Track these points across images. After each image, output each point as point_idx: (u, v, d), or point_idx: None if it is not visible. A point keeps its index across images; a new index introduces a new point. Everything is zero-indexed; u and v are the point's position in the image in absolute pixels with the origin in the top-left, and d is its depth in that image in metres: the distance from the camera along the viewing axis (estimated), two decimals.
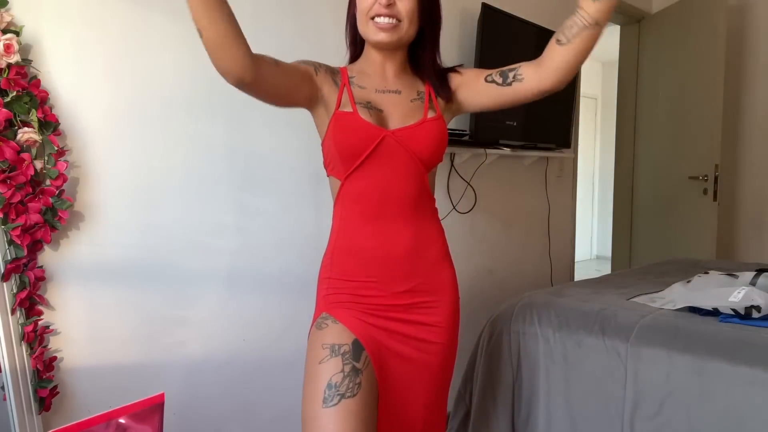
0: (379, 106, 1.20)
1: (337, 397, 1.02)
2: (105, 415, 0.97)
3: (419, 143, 1.18)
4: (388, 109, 1.20)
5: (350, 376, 1.05)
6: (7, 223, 1.28)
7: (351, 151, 1.15)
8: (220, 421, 1.76)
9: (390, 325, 1.18)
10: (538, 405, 1.75)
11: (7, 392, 1.31)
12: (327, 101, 1.19)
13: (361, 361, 1.09)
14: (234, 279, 1.77)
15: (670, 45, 3.63)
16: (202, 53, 1.76)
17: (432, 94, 1.25)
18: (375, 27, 1.15)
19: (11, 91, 1.27)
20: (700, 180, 3.41)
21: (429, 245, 1.24)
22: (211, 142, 1.70)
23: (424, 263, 1.23)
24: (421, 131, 1.18)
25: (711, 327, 1.55)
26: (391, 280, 1.18)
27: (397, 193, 1.18)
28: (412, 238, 1.20)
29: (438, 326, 1.24)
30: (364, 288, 1.18)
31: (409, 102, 1.23)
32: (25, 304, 1.33)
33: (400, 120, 1.19)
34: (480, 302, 2.65)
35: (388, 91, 1.22)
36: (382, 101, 1.21)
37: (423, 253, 1.22)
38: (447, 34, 2.43)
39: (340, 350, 1.08)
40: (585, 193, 6.67)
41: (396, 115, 1.19)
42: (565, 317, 1.75)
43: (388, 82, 1.23)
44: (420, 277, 1.22)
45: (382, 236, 1.18)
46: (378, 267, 1.18)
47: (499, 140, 2.55)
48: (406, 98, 1.23)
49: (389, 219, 1.18)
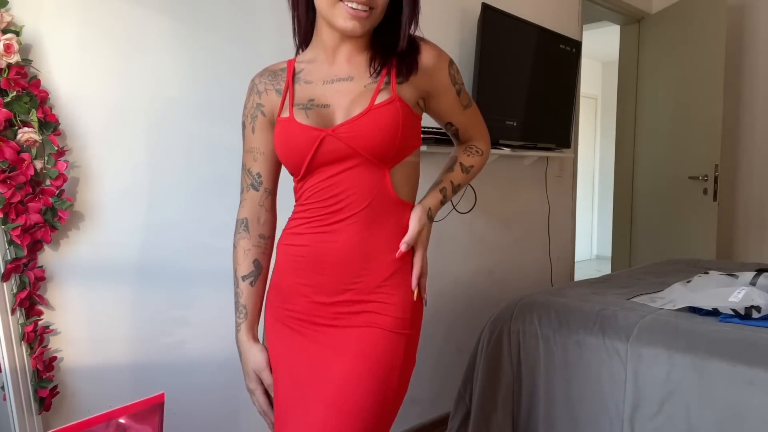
0: (325, 100, 1.04)
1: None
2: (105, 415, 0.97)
3: (366, 136, 1.00)
4: (335, 101, 1.04)
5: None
6: (7, 223, 1.28)
7: (293, 159, 1.04)
8: (220, 421, 1.76)
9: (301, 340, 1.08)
10: (538, 405, 1.75)
11: (7, 392, 1.31)
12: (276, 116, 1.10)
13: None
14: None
15: (670, 45, 3.63)
16: (201, 53, 1.76)
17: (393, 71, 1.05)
18: (346, 12, 0.98)
19: (11, 91, 1.28)
20: (700, 180, 3.41)
21: (377, 258, 1.05)
22: (211, 142, 1.70)
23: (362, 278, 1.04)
24: (364, 123, 1.01)
25: (711, 327, 1.55)
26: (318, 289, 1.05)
27: (347, 194, 1.03)
28: (353, 245, 1.03)
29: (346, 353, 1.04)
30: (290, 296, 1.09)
31: (362, 88, 1.04)
32: (25, 304, 1.33)
33: (346, 111, 1.03)
34: (480, 302, 2.65)
35: (338, 80, 1.06)
36: (329, 94, 1.05)
37: (365, 266, 1.04)
38: (447, 34, 2.44)
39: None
40: (585, 193, 6.67)
41: (342, 107, 1.03)
42: (565, 317, 1.75)
43: (338, 68, 1.07)
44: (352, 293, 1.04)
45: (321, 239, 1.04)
46: (307, 272, 1.06)
47: (499, 140, 2.55)
48: (359, 84, 1.05)
49: (333, 222, 1.04)
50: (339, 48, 1.06)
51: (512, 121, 2.61)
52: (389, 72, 1.05)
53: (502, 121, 2.56)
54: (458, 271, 2.57)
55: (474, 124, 1.20)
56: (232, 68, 1.75)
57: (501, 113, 2.55)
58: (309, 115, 1.03)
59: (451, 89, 1.13)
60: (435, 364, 2.47)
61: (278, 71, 1.11)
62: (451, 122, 1.18)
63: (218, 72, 1.71)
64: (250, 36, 1.79)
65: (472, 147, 1.21)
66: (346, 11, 0.98)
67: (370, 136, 1.00)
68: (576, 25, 3.20)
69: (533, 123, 2.73)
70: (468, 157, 1.20)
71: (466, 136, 1.21)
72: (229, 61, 1.74)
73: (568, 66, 2.92)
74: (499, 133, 2.55)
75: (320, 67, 1.07)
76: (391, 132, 1.01)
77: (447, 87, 1.12)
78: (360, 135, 1.00)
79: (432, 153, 2.32)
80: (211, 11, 1.69)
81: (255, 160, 1.12)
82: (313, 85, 1.06)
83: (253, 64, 1.78)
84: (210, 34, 1.69)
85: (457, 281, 2.56)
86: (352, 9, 0.98)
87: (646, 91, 3.82)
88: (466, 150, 1.21)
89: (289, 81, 1.07)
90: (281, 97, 1.07)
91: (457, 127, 1.19)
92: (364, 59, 1.07)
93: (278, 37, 1.83)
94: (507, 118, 2.58)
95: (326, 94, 1.05)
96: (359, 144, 1.01)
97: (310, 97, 1.05)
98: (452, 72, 1.13)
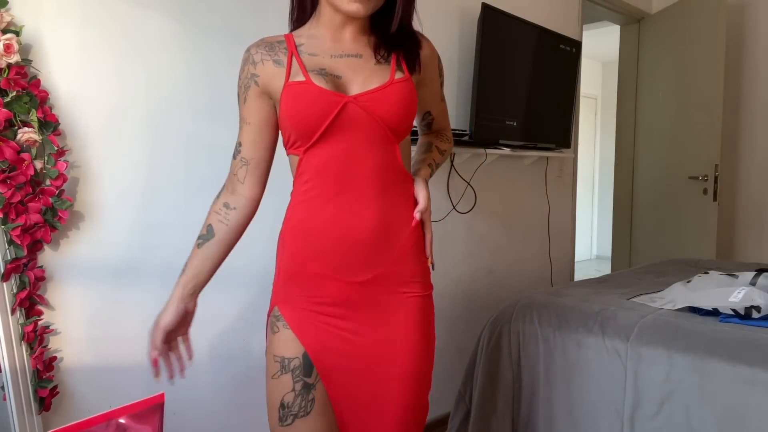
0: (336, 72, 1.04)
1: (291, 418, 1.03)
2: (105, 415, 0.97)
3: (386, 107, 1.03)
4: (347, 74, 1.05)
5: (302, 395, 1.03)
6: (7, 223, 1.28)
7: (308, 123, 1.01)
8: (220, 421, 1.76)
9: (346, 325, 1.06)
10: (538, 405, 1.75)
11: (7, 392, 1.31)
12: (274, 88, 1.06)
13: (313, 375, 1.04)
14: (234, 279, 1.77)
15: (670, 45, 3.63)
16: (201, 53, 1.76)
17: (401, 57, 1.09)
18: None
19: (11, 91, 1.28)
20: (700, 180, 3.41)
21: (397, 230, 1.07)
22: (210, 142, 1.70)
23: (390, 251, 1.06)
24: (387, 93, 1.03)
25: (711, 327, 1.55)
26: (348, 269, 1.04)
27: (362, 166, 1.03)
28: (377, 219, 1.03)
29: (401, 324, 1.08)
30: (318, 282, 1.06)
31: (373, 65, 1.06)
32: (25, 304, 1.33)
33: (362, 84, 1.04)
34: (480, 302, 2.65)
35: (346, 56, 1.07)
36: (339, 66, 1.05)
37: (389, 239, 1.06)
38: (447, 34, 2.44)
39: (290, 365, 1.04)
40: (585, 193, 6.67)
41: (357, 79, 1.04)
42: (565, 317, 1.75)
43: (344, 45, 1.08)
44: (383, 267, 1.06)
45: (342, 217, 1.03)
46: (334, 253, 1.04)
47: (499, 140, 2.55)
48: (368, 61, 1.07)
49: (351, 197, 1.03)
50: (343, 28, 1.08)
51: (512, 121, 2.61)
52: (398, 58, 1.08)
53: (502, 121, 2.56)
54: (458, 271, 2.57)
55: (445, 116, 1.30)
56: (232, 68, 1.74)
57: (501, 113, 2.55)
58: (327, 81, 1.02)
59: (437, 80, 1.22)
60: (435, 364, 2.46)
61: (275, 43, 1.09)
62: (430, 111, 1.26)
63: (218, 72, 1.71)
64: (250, 36, 1.78)
65: (443, 135, 1.30)
66: None
67: (391, 108, 1.03)
68: (576, 25, 3.20)
69: (533, 123, 2.73)
70: (441, 142, 1.28)
71: (438, 126, 1.30)
72: (228, 61, 1.74)
73: (568, 66, 2.92)
74: (499, 133, 2.55)
75: (323, 42, 1.08)
76: (408, 106, 1.05)
77: (435, 78, 1.20)
78: (381, 105, 1.02)
79: None
80: (210, 11, 1.69)
81: (241, 129, 1.11)
82: (319, 58, 1.06)
83: None
84: (210, 34, 1.69)
85: (457, 281, 2.56)
86: None
87: (646, 91, 3.82)
88: (438, 137, 1.29)
89: (293, 50, 1.06)
90: (284, 67, 1.05)
91: (434, 116, 1.27)
92: (368, 41, 1.09)
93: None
94: (507, 118, 2.58)
95: (336, 66, 1.05)
96: (379, 113, 1.02)
97: (321, 66, 1.04)
98: (440, 65, 1.22)
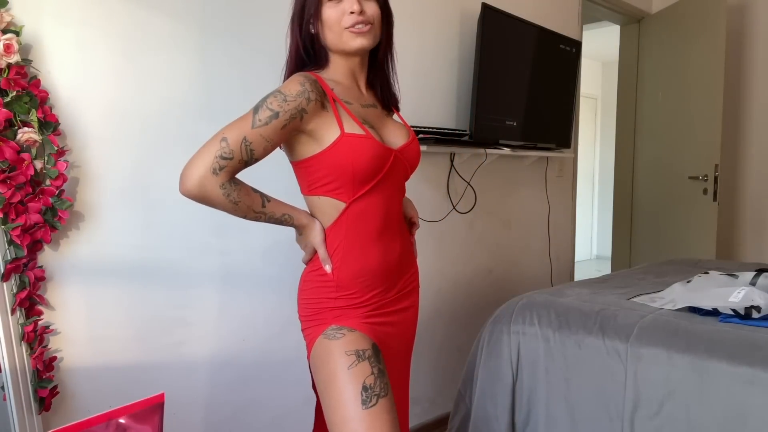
0: (372, 122, 1.19)
1: (375, 398, 1.08)
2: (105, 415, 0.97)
3: (415, 158, 1.24)
4: (377, 125, 1.20)
5: (380, 377, 1.10)
6: (7, 223, 1.28)
7: (365, 175, 1.13)
8: (220, 421, 1.76)
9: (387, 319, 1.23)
10: (538, 405, 1.75)
11: (7, 392, 1.31)
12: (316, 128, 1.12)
13: (382, 362, 1.14)
14: (234, 279, 1.77)
15: (670, 45, 3.63)
16: (201, 53, 1.76)
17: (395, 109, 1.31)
18: (352, 34, 1.14)
19: (11, 91, 1.28)
20: (700, 180, 3.41)
21: (409, 249, 1.30)
22: None
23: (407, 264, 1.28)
24: (414, 149, 1.24)
25: (711, 327, 1.55)
26: (388, 289, 1.23)
27: (394, 207, 1.22)
28: (400, 247, 1.24)
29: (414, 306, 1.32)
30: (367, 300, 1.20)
31: (386, 116, 1.26)
32: (25, 304, 1.33)
33: (393, 136, 1.21)
34: (480, 302, 2.65)
35: (368, 105, 1.22)
36: (370, 116, 1.20)
37: (406, 257, 1.28)
38: (447, 34, 2.44)
39: (365, 355, 1.11)
40: (585, 193, 6.67)
41: (385, 131, 1.21)
42: (565, 317, 1.75)
43: (363, 95, 1.23)
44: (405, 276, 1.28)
45: (385, 252, 1.20)
46: (380, 280, 1.20)
47: (499, 140, 2.55)
48: (382, 112, 1.26)
49: (388, 234, 1.21)
50: (358, 76, 1.23)
51: (512, 121, 2.61)
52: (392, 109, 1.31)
53: (502, 121, 2.56)
54: (458, 271, 2.57)
55: None
56: (232, 68, 1.75)
57: (501, 113, 2.55)
58: (375, 134, 1.15)
59: None
60: (435, 364, 2.47)
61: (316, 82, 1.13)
62: None
63: (218, 72, 1.71)
64: (250, 36, 1.79)
65: None
66: (351, 34, 1.14)
67: (416, 158, 1.25)
68: (576, 25, 3.20)
69: (533, 123, 2.73)
70: None
71: None
72: (228, 60, 1.74)
73: (568, 66, 2.92)
74: (499, 133, 2.55)
75: (351, 90, 1.20)
76: (419, 159, 1.27)
77: None
78: (412, 158, 1.23)
79: (432, 153, 2.32)
80: (210, 11, 1.69)
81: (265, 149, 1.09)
82: (356, 107, 1.18)
83: (253, 63, 1.79)
84: (209, 34, 1.69)
85: (457, 281, 2.56)
86: (356, 29, 1.13)
87: (646, 91, 3.82)
88: None
89: (333, 96, 1.15)
90: (330, 112, 1.12)
91: None
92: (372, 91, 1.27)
93: (277, 37, 1.83)
94: (507, 118, 2.58)
95: (369, 116, 1.19)
96: (411, 165, 1.24)
97: (363, 117, 1.17)
98: None
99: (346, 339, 1.13)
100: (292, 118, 1.08)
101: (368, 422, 1.06)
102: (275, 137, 1.08)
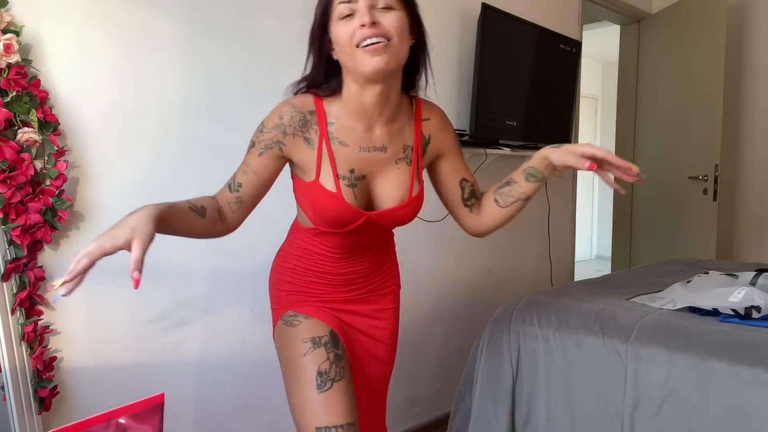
0: (363, 171, 1.12)
1: (330, 382, 1.12)
2: (105, 415, 0.97)
3: (398, 221, 1.18)
4: (372, 172, 1.13)
5: (335, 362, 1.14)
6: (7, 223, 1.28)
7: (329, 226, 1.15)
8: (220, 421, 1.76)
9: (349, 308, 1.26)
10: (538, 405, 1.75)
11: (7, 392, 1.31)
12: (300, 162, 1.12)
13: (340, 347, 1.18)
14: (234, 278, 1.77)
15: (670, 45, 3.63)
16: (201, 53, 1.76)
17: (420, 150, 1.16)
18: (365, 53, 0.98)
19: (11, 91, 1.28)
20: (700, 180, 3.41)
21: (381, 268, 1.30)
22: (211, 142, 1.70)
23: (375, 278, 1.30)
24: (403, 213, 1.16)
25: (711, 327, 1.55)
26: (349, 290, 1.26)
27: (366, 244, 1.22)
28: (370, 266, 1.26)
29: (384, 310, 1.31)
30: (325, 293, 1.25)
31: (394, 163, 1.14)
32: (25, 304, 1.33)
33: (384, 194, 1.14)
34: (480, 302, 2.65)
35: (372, 149, 1.11)
36: (365, 164, 1.12)
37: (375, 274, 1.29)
38: (447, 34, 2.44)
39: (321, 341, 1.15)
40: (585, 193, 6.67)
41: (380, 181, 1.14)
42: (565, 317, 1.75)
43: (373, 135, 1.11)
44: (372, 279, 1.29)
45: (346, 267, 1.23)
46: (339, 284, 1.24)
47: (499, 140, 2.55)
48: (391, 158, 1.14)
49: (355, 258, 1.23)
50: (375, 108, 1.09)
51: (512, 121, 2.61)
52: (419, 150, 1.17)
53: (502, 121, 2.56)
54: (458, 272, 2.57)
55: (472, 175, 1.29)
56: (232, 68, 1.75)
57: (501, 113, 2.55)
58: (356, 195, 1.11)
59: (457, 148, 1.25)
60: (435, 364, 2.47)
61: (307, 114, 1.10)
62: (465, 178, 1.26)
63: (218, 72, 1.71)
64: (250, 36, 1.79)
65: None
66: (363, 53, 0.99)
67: (400, 221, 1.18)
68: (576, 25, 3.20)
69: (533, 123, 2.73)
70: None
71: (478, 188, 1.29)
72: (228, 61, 1.74)
73: (568, 66, 2.92)
74: (499, 133, 2.55)
75: (355, 129, 1.11)
76: (415, 216, 1.20)
77: (454, 146, 1.24)
78: (395, 221, 1.17)
79: None
80: (211, 12, 1.69)
81: (245, 173, 1.14)
82: (349, 150, 1.10)
83: (253, 64, 1.79)
84: (209, 35, 1.69)
85: (457, 281, 2.56)
86: (369, 45, 0.98)
87: (646, 91, 3.82)
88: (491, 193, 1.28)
89: (324, 135, 1.09)
90: (314, 150, 1.09)
91: (472, 181, 1.27)
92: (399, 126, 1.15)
93: (277, 38, 1.83)
94: (507, 118, 2.58)
95: (363, 164, 1.12)
96: (392, 226, 1.20)
97: (350, 167, 1.10)
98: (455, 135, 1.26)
99: (302, 326, 1.18)
100: (267, 148, 1.11)
101: (324, 405, 1.10)
102: (255, 164, 1.13)
